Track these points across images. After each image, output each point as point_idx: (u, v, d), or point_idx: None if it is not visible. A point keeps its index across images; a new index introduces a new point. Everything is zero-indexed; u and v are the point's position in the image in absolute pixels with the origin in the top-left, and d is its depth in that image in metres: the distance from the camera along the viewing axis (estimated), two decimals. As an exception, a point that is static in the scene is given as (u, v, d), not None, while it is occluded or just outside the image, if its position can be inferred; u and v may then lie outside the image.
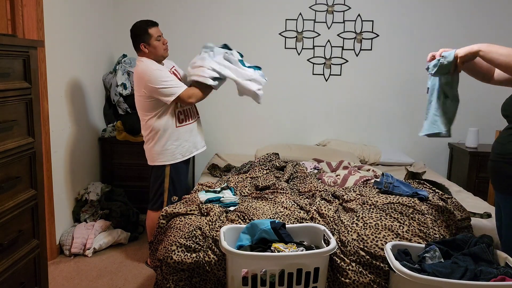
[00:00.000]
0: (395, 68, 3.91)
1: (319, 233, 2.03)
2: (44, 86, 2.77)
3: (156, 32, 2.63)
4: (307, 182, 2.74)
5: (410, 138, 4.01)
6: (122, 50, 3.88)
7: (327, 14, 3.86)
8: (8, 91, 1.65)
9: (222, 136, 4.02)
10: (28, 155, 1.80)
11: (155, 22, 2.68)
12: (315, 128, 4.04)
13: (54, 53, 2.89)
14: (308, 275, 1.83)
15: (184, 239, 2.01)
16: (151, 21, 2.66)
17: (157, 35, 2.64)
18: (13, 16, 2.54)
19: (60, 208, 3.06)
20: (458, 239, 1.89)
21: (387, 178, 2.51)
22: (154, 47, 2.63)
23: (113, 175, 3.67)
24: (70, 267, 2.85)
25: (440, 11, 3.81)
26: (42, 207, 1.90)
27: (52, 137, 2.91)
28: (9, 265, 1.69)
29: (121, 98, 3.56)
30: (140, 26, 2.64)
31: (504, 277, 1.62)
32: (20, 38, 2.14)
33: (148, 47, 2.63)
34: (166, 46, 2.69)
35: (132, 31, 2.66)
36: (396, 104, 3.96)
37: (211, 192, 2.46)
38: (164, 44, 2.67)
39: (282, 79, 3.96)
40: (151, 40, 2.62)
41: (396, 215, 2.10)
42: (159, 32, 2.66)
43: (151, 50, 2.64)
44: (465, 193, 2.99)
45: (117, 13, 3.91)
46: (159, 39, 2.64)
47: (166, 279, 2.00)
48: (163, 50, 2.67)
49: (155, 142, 2.66)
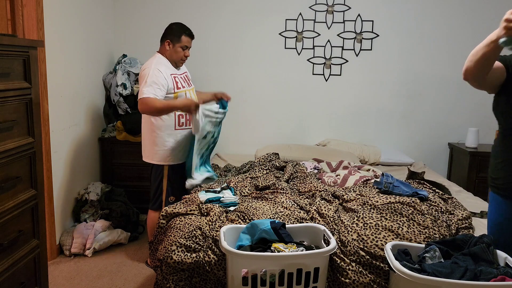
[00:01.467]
0: (395, 68, 3.91)
1: (319, 233, 2.03)
2: (44, 86, 2.77)
3: (186, 42, 2.70)
4: (307, 182, 2.74)
5: (410, 138, 4.01)
6: (122, 50, 3.89)
7: (327, 14, 3.86)
8: (8, 91, 1.65)
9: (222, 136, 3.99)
10: (28, 155, 1.80)
11: (193, 35, 2.76)
12: (315, 128, 4.03)
13: (54, 53, 2.89)
14: (308, 275, 1.83)
15: (184, 239, 2.01)
16: (191, 32, 2.74)
17: (185, 45, 2.70)
18: (13, 16, 2.54)
19: (60, 208, 3.06)
20: (458, 239, 1.89)
21: (387, 178, 2.51)
22: (175, 52, 2.69)
23: (113, 175, 3.67)
24: (70, 267, 2.85)
25: (440, 11, 3.81)
26: (42, 207, 1.90)
27: (52, 137, 2.91)
28: (9, 265, 1.70)
29: (121, 98, 3.56)
30: (178, 28, 2.71)
31: (504, 277, 1.62)
32: (20, 38, 2.14)
33: (171, 47, 2.68)
34: (184, 59, 2.75)
35: (170, 26, 2.73)
36: (396, 104, 3.96)
37: (211, 192, 2.46)
38: (184, 56, 2.73)
39: (282, 79, 3.96)
40: (177, 45, 2.68)
41: (396, 215, 2.10)
42: (189, 44, 2.73)
43: (171, 51, 2.69)
44: (465, 193, 3.00)
45: (117, 13, 3.91)
46: (185, 49, 2.71)
47: (166, 279, 2.00)
48: (179, 59, 2.73)
49: (154, 141, 2.66)
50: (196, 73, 3.84)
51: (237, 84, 3.97)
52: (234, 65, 3.95)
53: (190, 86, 2.80)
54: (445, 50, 3.86)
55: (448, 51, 3.86)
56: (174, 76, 2.66)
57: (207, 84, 3.93)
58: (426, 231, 2.02)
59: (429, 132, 3.99)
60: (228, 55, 3.94)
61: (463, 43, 3.83)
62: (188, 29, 2.73)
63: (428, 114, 3.96)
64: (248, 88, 3.97)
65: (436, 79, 3.89)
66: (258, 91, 3.98)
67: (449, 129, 3.96)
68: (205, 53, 3.92)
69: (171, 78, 2.63)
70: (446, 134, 3.98)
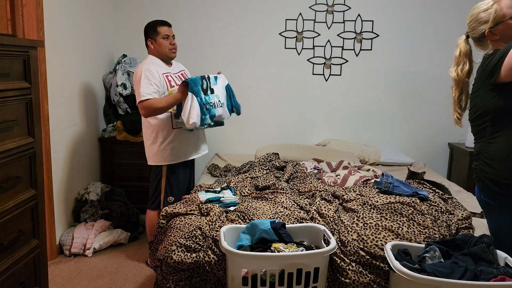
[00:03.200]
0: (395, 68, 3.91)
1: (319, 233, 2.03)
2: (44, 86, 2.78)
3: (164, 31, 2.66)
4: (307, 182, 2.74)
5: (410, 138, 4.01)
6: (122, 50, 3.89)
7: (327, 14, 3.86)
8: (8, 91, 1.65)
9: (222, 136, 4.01)
10: (28, 155, 1.80)
11: (166, 22, 2.71)
12: (315, 128, 4.03)
13: (54, 53, 2.89)
14: (308, 275, 1.83)
15: (184, 239, 2.01)
16: (163, 21, 2.71)
17: (165, 33, 2.66)
18: (13, 16, 2.54)
19: (60, 208, 3.06)
20: (458, 239, 1.89)
21: (387, 178, 2.51)
22: (160, 45, 2.66)
23: (113, 175, 3.67)
24: (70, 267, 2.85)
25: (440, 11, 3.81)
26: (42, 207, 1.90)
27: (52, 137, 2.91)
28: (9, 265, 1.70)
29: (121, 98, 3.56)
30: (151, 24, 2.69)
31: (504, 277, 1.62)
32: (20, 38, 2.13)
33: (154, 43, 2.67)
34: (173, 47, 2.71)
35: (145, 28, 2.72)
36: (396, 104, 3.96)
37: (211, 192, 2.46)
38: (171, 45, 2.69)
39: (282, 79, 3.96)
40: (158, 37, 2.65)
41: (396, 215, 2.10)
42: (169, 32, 2.69)
43: (156, 46, 2.67)
44: (465, 193, 3.00)
45: (117, 13, 3.91)
46: (166, 37, 2.67)
47: (166, 279, 2.00)
48: (168, 50, 2.68)
49: (152, 141, 2.66)
50: (196, 73, 3.84)
51: (237, 84, 3.96)
52: (234, 65, 3.95)
53: None
54: (445, 50, 3.85)
55: (448, 51, 3.84)
56: (166, 75, 2.65)
57: (207, 84, 3.94)
58: (426, 231, 2.02)
59: (429, 132, 3.99)
60: (228, 55, 3.94)
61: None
62: (161, 20, 2.71)
63: (428, 114, 3.96)
64: (248, 88, 3.96)
65: (436, 79, 3.89)
66: (258, 91, 3.98)
67: (449, 129, 3.96)
68: (205, 53, 3.92)
69: (163, 78, 2.61)
70: (446, 134, 3.98)
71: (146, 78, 2.51)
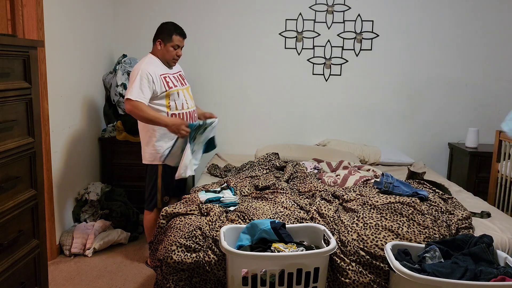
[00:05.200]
0: (395, 68, 3.91)
1: (319, 233, 2.03)
2: (44, 86, 2.77)
3: (177, 41, 2.67)
4: (307, 182, 2.74)
5: (410, 138, 4.01)
6: (122, 50, 3.88)
7: (327, 14, 3.86)
8: (8, 91, 1.65)
9: (222, 136, 4.00)
10: (28, 155, 1.80)
11: (184, 34, 2.72)
12: (315, 128, 4.03)
13: (54, 53, 2.89)
14: (308, 275, 1.83)
15: (184, 239, 2.01)
16: (182, 31, 2.71)
17: (177, 44, 2.68)
18: (13, 16, 2.54)
19: (60, 208, 3.06)
20: (458, 239, 1.89)
21: (387, 178, 2.52)
22: (167, 51, 2.67)
23: (113, 175, 3.67)
24: (70, 267, 2.85)
25: (440, 11, 3.81)
26: (42, 207, 1.90)
27: (52, 137, 2.91)
28: (9, 265, 1.70)
29: (121, 98, 3.56)
30: (169, 27, 2.68)
31: (504, 277, 1.62)
32: (20, 38, 2.14)
33: (162, 46, 2.67)
34: (177, 58, 2.73)
35: (161, 25, 2.71)
36: (396, 104, 3.96)
37: (211, 192, 2.46)
38: (176, 55, 2.70)
39: (282, 79, 3.96)
40: (169, 44, 2.66)
41: (396, 215, 2.10)
42: (181, 43, 2.70)
43: (162, 51, 2.68)
44: (465, 193, 2.99)
45: (117, 13, 3.91)
46: (176, 48, 2.68)
47: (166, 279, 2.00)
48: (171, 59, 2.70)
49: (147, 140, 2.66)
50: (196, 73, 3.85)
51: (237, 84, 3.97)
52: (234, 65, 3.95)
53: (184, 85, 2.78)
54: (445, 50, 3.86)
55: (448, 50, 3.86)
56: (164, 76, 2.64)
57: (207, 84, 3.94)
58: (426, 231, 2.02)
59: (429, 132, 3.99)
60: (228, 55, 3.94)
61: (463, 43, 3.83)
62: (179, 28, 2.70)
63: (428, 114, 3.96)
64: (248, 88, 3.96)
65: (436, 79, 3.89)
66: (258, 91, 3.98)
67: (449, 129, 3.96)
68: (205, 53, 3.92)
69: (161, 79, 2.61)
70: (446, 134, 3.98)
71: (145, 80, 2.52)
